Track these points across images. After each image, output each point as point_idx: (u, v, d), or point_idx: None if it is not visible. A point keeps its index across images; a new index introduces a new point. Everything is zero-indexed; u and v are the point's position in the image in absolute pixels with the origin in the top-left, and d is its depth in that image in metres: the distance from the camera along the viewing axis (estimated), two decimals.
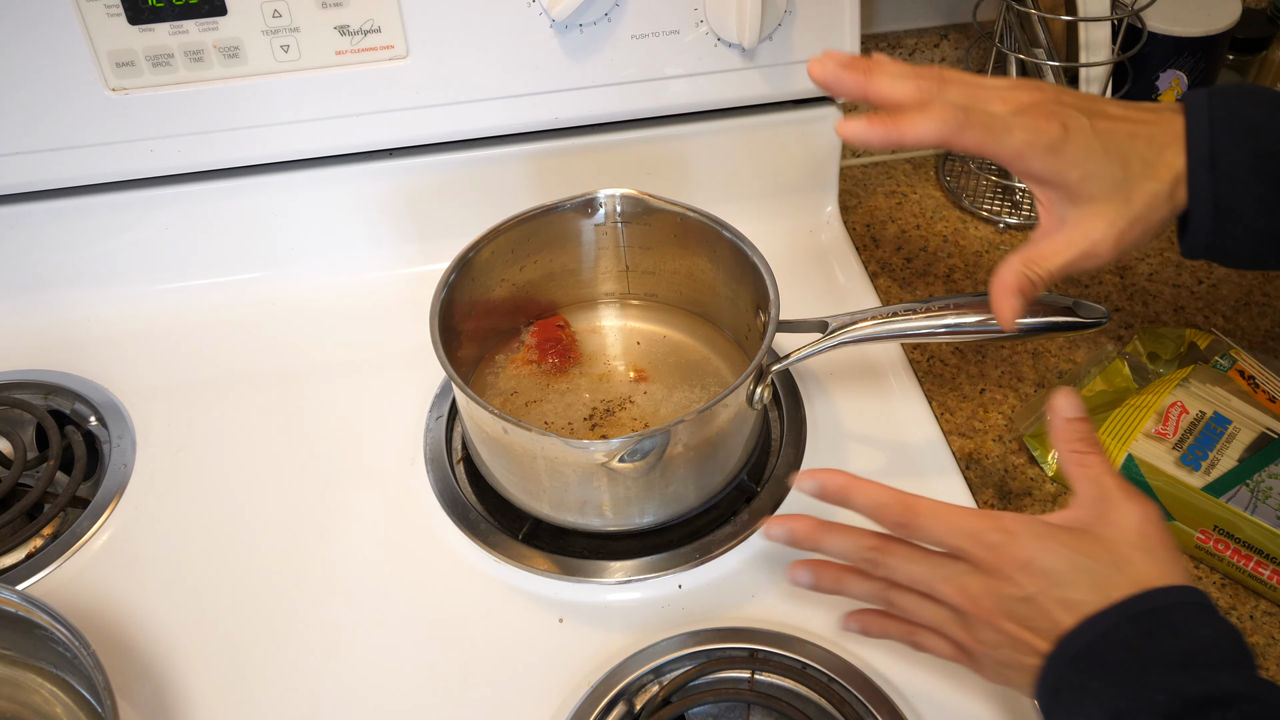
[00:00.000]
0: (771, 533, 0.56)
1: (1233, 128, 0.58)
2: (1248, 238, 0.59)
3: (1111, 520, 0.50)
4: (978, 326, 0.67)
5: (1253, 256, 0.61)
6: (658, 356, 0.77)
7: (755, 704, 0.58)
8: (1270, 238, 0.59)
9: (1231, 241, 0.59)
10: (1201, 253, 0.60)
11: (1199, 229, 0.59)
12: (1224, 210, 0.58)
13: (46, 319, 0.83)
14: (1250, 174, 0.57)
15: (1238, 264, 0.62)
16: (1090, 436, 0.53)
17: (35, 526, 0.69)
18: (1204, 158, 0.57)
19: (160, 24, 0.72)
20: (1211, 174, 0.57)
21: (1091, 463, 0.52)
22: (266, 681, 0.61)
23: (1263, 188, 0.58)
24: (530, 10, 0.76)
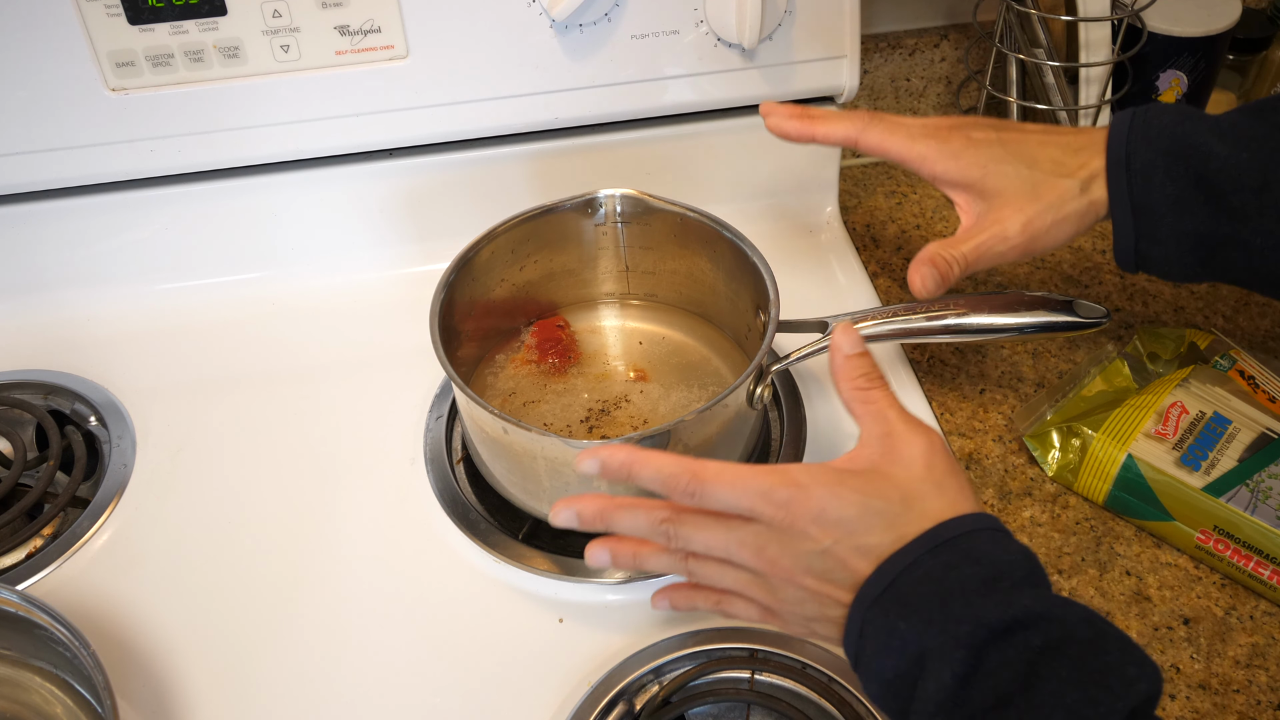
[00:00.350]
0: (559, 517, 0.53)
1: (1146, 130, 0.62)
2: (1170, 241, 0.62)
3: (898, 455, 0.50)
4: (978, 327, 0.67)
5: (1181, 265, 0.63)
6: (658, 356, 0.77)
7: (755, 704, 0.58)
8: (1193, 242, 0.62)
9: (1156, 246, 0.63)
10: (1132, 259, 0.64)
11: (1122, 230, 0.63)
12: (1141, 209, 0.62)
13: (46, 319, 0.83)
14: (1163, 174, 0.61)
15: (1169, 274, 0.65)
16: (872, 371, 0.53)
17: (35, 526, 0.69)
18: (1120, 158, 0.62)
19: (160, 24, 0.72)
20: (1127, 173, 0.62)
21: (874, 398, 0.52)
22: (266, 681, 0.61)
23: (1174, 187, 0.61)
24: (530, 10, 0.76)
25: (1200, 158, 0.60)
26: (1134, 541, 0.67)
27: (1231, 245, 0.61)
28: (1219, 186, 0.60)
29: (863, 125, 0.66)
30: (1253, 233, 0.60)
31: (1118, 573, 0.66)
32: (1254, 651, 0.62)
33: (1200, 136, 0.61)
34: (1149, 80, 0.91)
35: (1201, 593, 0.65)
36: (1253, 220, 0.60)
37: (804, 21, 0.80)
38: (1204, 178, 0.60)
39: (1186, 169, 0.61)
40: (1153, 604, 0.64)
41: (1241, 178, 0.59)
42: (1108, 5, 0.85)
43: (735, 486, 0.49)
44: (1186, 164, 0.61)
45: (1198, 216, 0.61)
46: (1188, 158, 0.61)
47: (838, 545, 0.48)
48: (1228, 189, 0.60)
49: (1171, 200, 0.61)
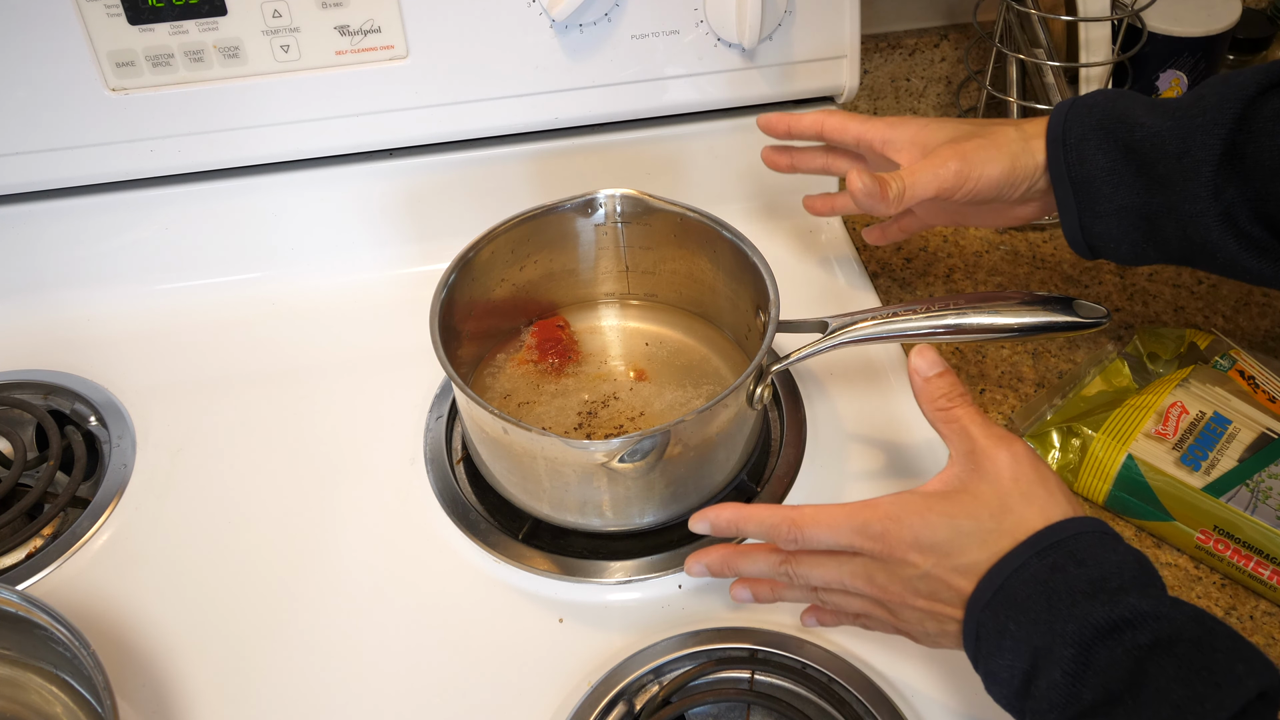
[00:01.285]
0: (692, 570, 0.58)
1: (1079, 108, 0.64)
2: (1112, 217, 0.64)
3: (984, 472, 0.51)
4: (978, 327, 0.67)
5: (1128, 242, 0.65)
6: (657, 356, 0.77)
7: (755, 704, 0.58)
8: (1133, 216, 0.63)
9: (1099, 221, 0.64)
10: (1080, 237, 0.66)
11: (1065, 207, 0.65)
12: (1079, 183, 0.64)
13: (46, 319, 0.83)
14: (1094, 146, 0.63)
15: (1120, 254, 0.66)
16: (953, 390, 0.54)
17: (35, 526, 0.69)
18: (1057, 135, 0.64)
19: (160, 24, 0.72)
20: (1064, 148, 0.64)
21: (956, 416, 0.54)
22: (266, 681, 0.61)
23: (1106, 159, 0.63)
24: (530, 10, 0.76)
25: (1126, 128, 0.62)
26: (1134, 541, 0.67)
27: (1166, 217, 0.62)
28: (1145, 155, 0.62)
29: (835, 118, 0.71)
30: (1180, 199, 0.61)
31: None
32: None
33: (1129, 109, 0.63)
34: (1149, 80, 0.91)
35: (1201, 593, 0.65)
36: (1177, 186, 0.61)
37: (804, 21, 0.80)
38: (1131, 147, 0.62)
39: (1115, 140, 0.62)
40: None
41: (1165, 145, 0.61)
42: (1108, 5, 0.85)
43: (831, 528, 0.52)
44: (1114, 135, 0.62)
45: (1132, 189, 0.63)
46: (1115, 129, 0.62)
47: (937, 568, 0.50)
48: (1153, 157, 0.61)
49: (1106, 172, 0.63)
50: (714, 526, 0.56)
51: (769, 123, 0.74)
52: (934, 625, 0.52)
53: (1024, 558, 0.48)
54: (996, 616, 0.48)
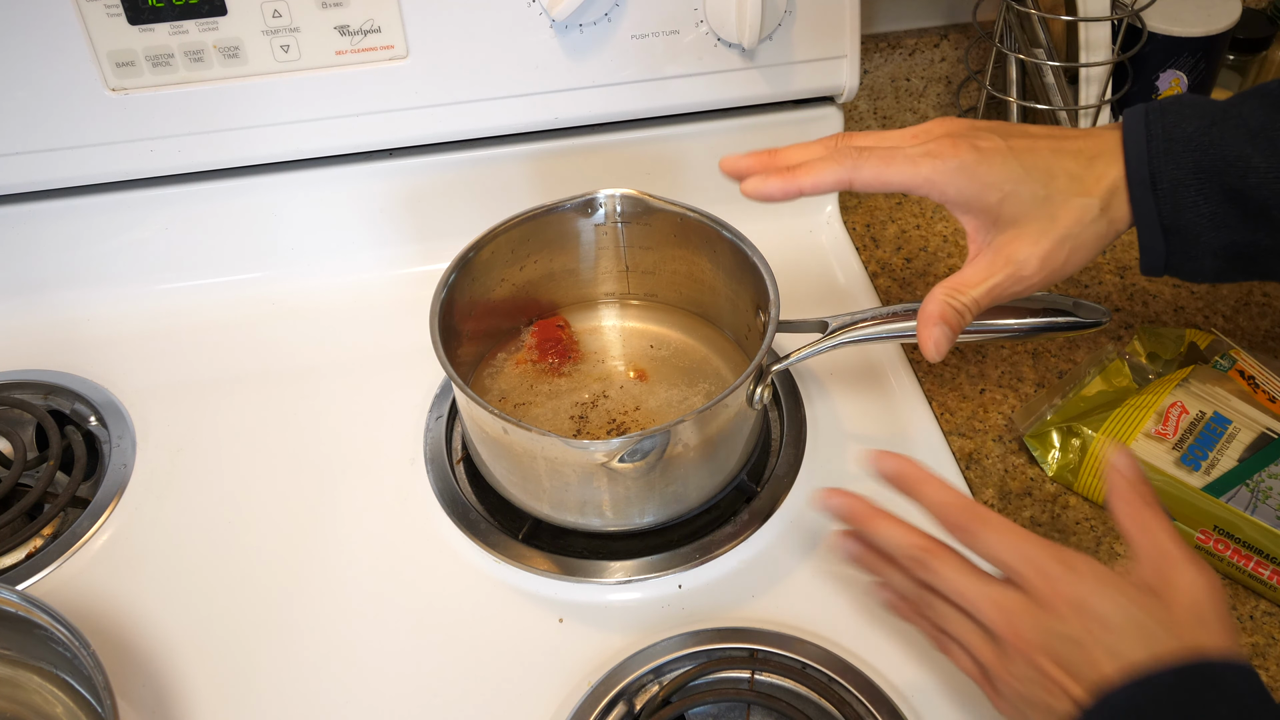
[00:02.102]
0: (829, 502, 0.54)
1: (1171, 144, 0.56)
2: (1206, 257, 0.58)
3: (1171, 583, 0.48)
4: (978, 327, 0.67)
5: (1216, 272, 0.60)
6: (657, 356, 0.77)
7: (755, 704, 0.58)
8: (1231, 255, 0.58)
9: (1191, 261, 0.59)
10: (1161, 272, 0.60)
11: (1151, 251, 0.58)
12: (1173, 230, 0.57)
13: (46, 319, 0.83)
14: (1195, 193, 0.56)
15: (1200, 279, 0.61)
16: (1149, 496, 0.51)
17: (35, 526, 0.69)
18: (1144, 178, 0.57)
19: (160, 24, 0.72)
20: (1154, 194, 0.57)
21: (1149, 521, 0.50)
22: (266, 681, 0.61)
23: (1210, 206, 0.56)
24: (530, 10, 0.76)
25: (1237, 173, 0.55)
26: None
27: (1274, 255, 0.57)
28: (1261, 201, 0.55)
29: (852, 164, 0.59)
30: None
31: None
32: (1254, 651, 0.62)
33: (1232, 146, 0.55)
34: (1149, 80, 0.91)
35: None
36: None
37: (804, 21, 0.80)
38: (1241, 193, 0.56)
39: (1221, 185, 0.56)
40: None
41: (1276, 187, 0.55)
42: (1108, 5, 0.85)
43: (1009, 540, 0.49)
44: (1221, 180, 0.56)
45: (1236, 230, 0.57)
46: (1222, 173, 0.56)
47: (1089, 636, 0.46)
48: (1271, 203, 0.55)
49: (1207, 218, 0.57)
50: (899, 473, 0.52)
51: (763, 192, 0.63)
52: (1038, 693, 0.47)
53: (1171, 682, 0.44)
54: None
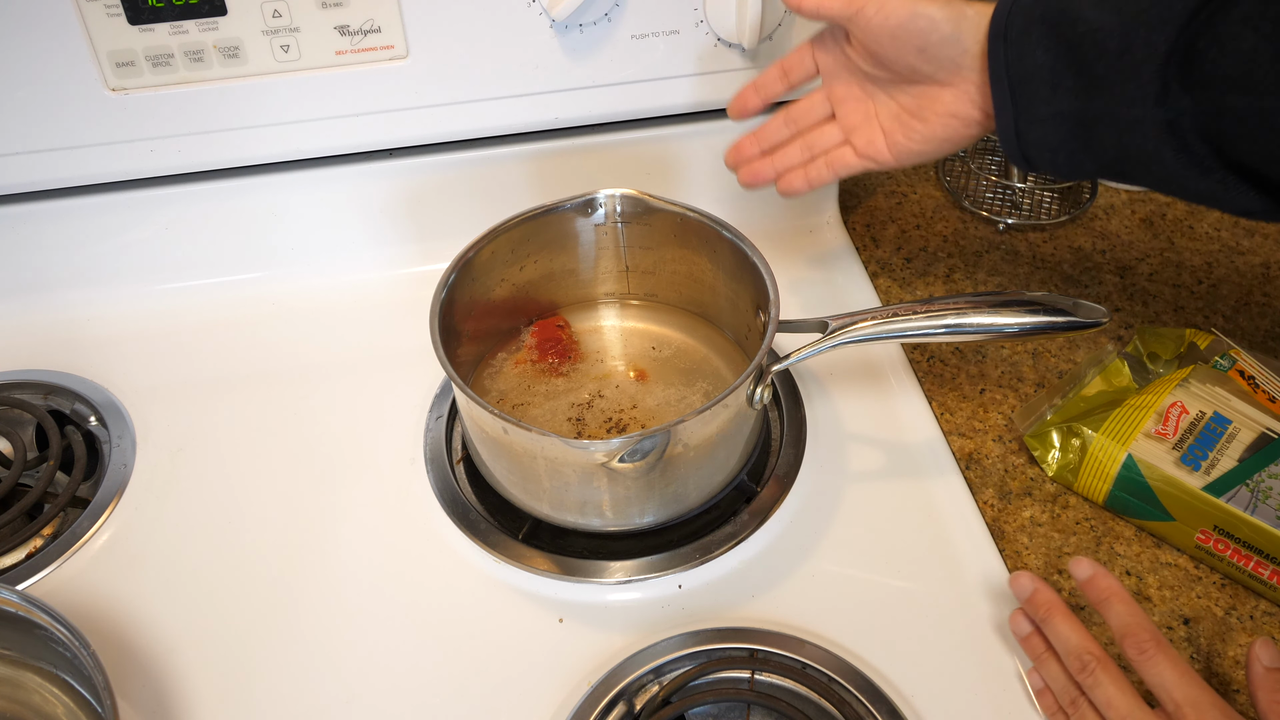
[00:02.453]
0: (1020, 583, 0.58)
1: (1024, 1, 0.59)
2: (1050, 122, 0.59)
3: None
4: (978, 327, 0.67)
5: (1065, 151, 0.60)
6: (657, 357, 0.77)
7: (755, 704, 0.58)
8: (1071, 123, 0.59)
9: (1035, 126, 0.60)
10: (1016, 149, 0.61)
11: (1002, 108, 0.60)
12: (1018, 83, 0.59)
13: (46, 319, 0.83)
14: (1035, 42, 0.58)
15: (1056, 164, 0.61)
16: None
17: (35, 526, 0.69)
18: (1000, 30, 0.59)
19: (160, 24, 0.72)
20: (1004, 44, 0.59)
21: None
22: (266, 681, 0.61)
23: (1048, 57, 0.58)
24: (530, 10, 0.76)
25: (1069, 22, 0.57)
26: (1134, 541, 0.67)
27: (1103, 122, 0.57)
28: (1085, 53, 0.57)
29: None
30: (1118, 102, 0.56)
31: (1118, 573, 0.66)
32: None
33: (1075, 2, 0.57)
34: None
35: (1201, 593, 0.65)
36: (1116, 88, 0.56)
37: (804, 21, 0.80)
38: (1073, 45, 0.57)
39: (1057, 36, 0.57)
40: (1153, 604, 0.64)
41: (1106, 41, 0.56)
42: None
43: (1179, 676, 0.51)
44: (1057, 30, 0.57)
45: (1071, 91, 0.58)
46: (1058, 24, 0.57)
47: None
48: (1092, 55, 0.56)
49: (1047, 71, 0.58)
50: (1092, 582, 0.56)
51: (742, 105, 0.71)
52: None
53: None
54: None
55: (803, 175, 0.71)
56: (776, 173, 0.71)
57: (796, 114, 0.71)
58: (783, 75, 0.70)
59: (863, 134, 0.68)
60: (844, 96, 0.69)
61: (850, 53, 0.67)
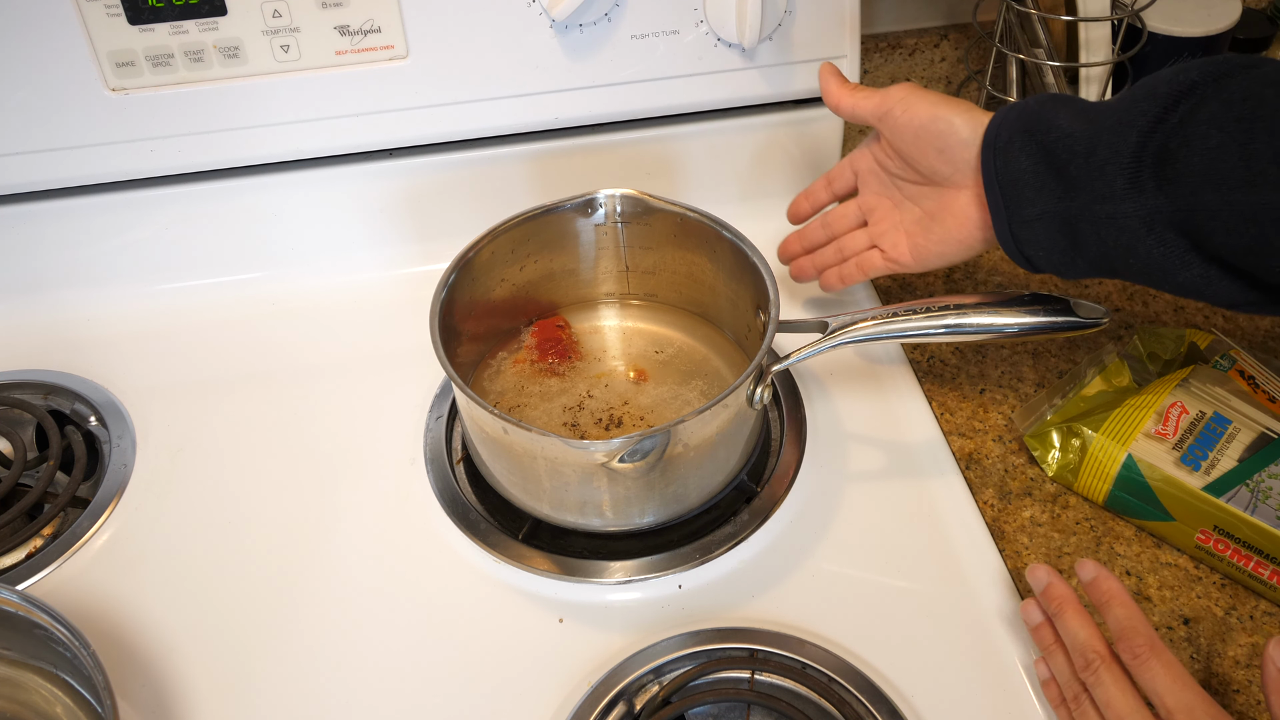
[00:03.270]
0: (1037, 574, 0.59)
1: (1012, 111, 0.64)
2: (1038, 223, 0.63)
3: None
4: (978, 327, 0.67)
5: (1058, 250, 0.63)
6: (657, 357, 0.77)
7: (755, 704, 0.58)
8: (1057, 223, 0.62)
9: (1026, 227, 0.64)
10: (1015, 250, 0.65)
11: (996, 212, 0.65)
12: (1006, 186, 0.64)
13: (46, 319, 0.83)
14: (1019, 149, 0.63)
15: (1052, 263, 0.65)
16: None
17: (35, 526, 0.69)
18: (991, 140, 0.65)
19: (160, 24, 0.72)
20: (993, 152, 0.64)
21: None
22: (266, 681, 0.61)
23: (1030, 161, 0.62)
24: (530, 10, 0.76)
25: (1044, 129, 0.62)
26: (1134, 541, 0.67)
27: (1084, 219, 0.61)
28: (1058, 156, 0.61)
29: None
30: (1092, 199, 0.60)
31: (1118, 573, 0.66)
32: (1254, 651, 0.62)
33: (1054, 111, 0.62)
34: None
35: (1201, 593, 0.65)
36: (1087, 187, 0.60)
37: (804, 21, 0.80)
38: (1049, 149, 0.61)
39: (1037, 142, 0.62)
40: (1153, 604, 0.64)
41: (1075, 144, 0.60)
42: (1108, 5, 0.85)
43: (1175, 681, 0.52)
44: (1035, 137, 0.62)
45: (1053, 193, 0.62)
46: (1035, 131, 0.62)
47: None
48: (1064, 158, 0.61)
49: (1030, 175, 0.62)
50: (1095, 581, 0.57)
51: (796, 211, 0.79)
52: None
53: None
54: None
55: (837, 275, 0.77)
56: (817, 270, 0.79)
57: (832, 219, 0.77)
58: (827, 185, 0.77)
59: (889, 239, 0.74)
60: (874, 206, 0.75)
61: (880, 154, 0.73)
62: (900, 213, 0.73)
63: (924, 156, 0.68)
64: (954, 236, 0.69)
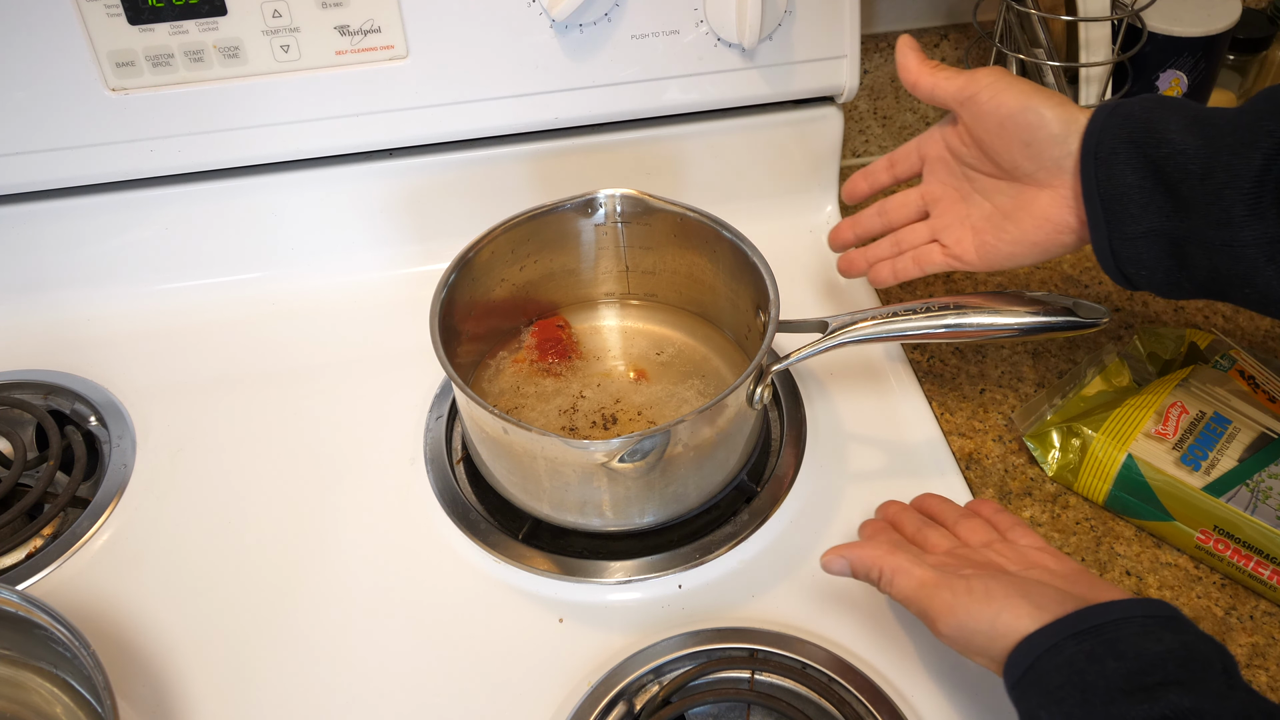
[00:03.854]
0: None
1: (1115, 116, 0.59)
2: (1142, 242, 0.59)
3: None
4: (978, 326, 0.67)
5: (1162, 270, 0.60)
6: (658, 356, 0.77)
7: (755, 704, 0.58)
8: (1165, 243, 0.58)
9: (1128, 245, 0.59)
10: (1114, 267, 0.61)
11: (1095, 225, 0.60)
12: (1109, 201, 0.59)
13: (46, 319, 0.83)
14: (1124, 162, 0.58)
15: (1155, 283, 0.61)
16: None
17: (35, 526, 0.69)
18: (1090, 147, 0.60)
19: (160, 24, 0.72)
20: (1094, 162, 0.59)
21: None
22: (266, 681, 0.61)
23: (1136, 177, 0.58)
24: (530, 10, 0.76)
25: (1153, 142, 0.57)
26: (1134, 541, 0.67)
27: (1194, 243, 0.57)
28: (1170, 175, 0.57)
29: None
30: (1206, 224, 0.56)
31: (1118, 573, 0.66)
32: (1254, 651, 0.62)
33: (1164, 122, 0.57)
34: (1149, 80, 0.91)
35: (1201, 593, 0.65)
36: (1202, 211, 0.56)
37: (804, 21, 0.80)
38: (1160, 167, 0.57)
39: (1145, 157, 0.58)
40: None
41: (1188, 164, 0.56)
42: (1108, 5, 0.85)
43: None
44: (1143, 150, 0.58)
45: (1161, 211, 0.58)
46: (1144, 144, 0.57)
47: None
48: (1177, 177, 0.56)
49: (1135, 190, 0.58)
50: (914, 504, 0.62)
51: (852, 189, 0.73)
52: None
53: (1059, 637, 0.47)
54: (1027, 700, 0.47)
55: (890, 268, 0.72)
56: (868, 264, 0.73)
57: (890, 208, 0.72)
58: (889, 167, 0.72)
59: (952, 233, 0.69)
60: (939, 196, 0.70)
61: (955, 139, 0.68)
62: (968, 206, 0.68)
63: (1007, 149, 0.63)
64: (1029, 238, 0.65)
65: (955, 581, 0.52)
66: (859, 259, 0.74)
